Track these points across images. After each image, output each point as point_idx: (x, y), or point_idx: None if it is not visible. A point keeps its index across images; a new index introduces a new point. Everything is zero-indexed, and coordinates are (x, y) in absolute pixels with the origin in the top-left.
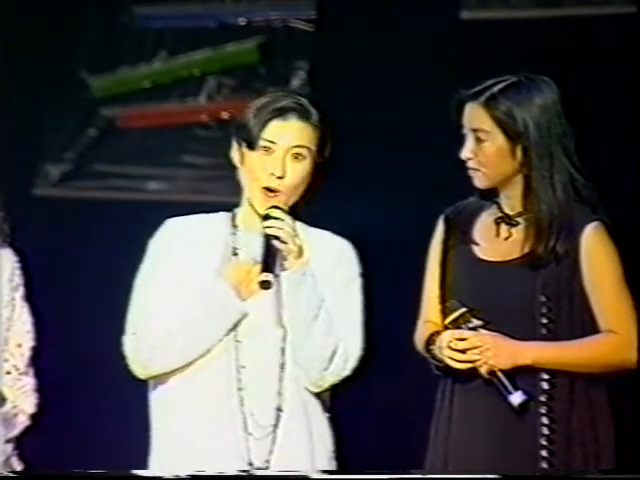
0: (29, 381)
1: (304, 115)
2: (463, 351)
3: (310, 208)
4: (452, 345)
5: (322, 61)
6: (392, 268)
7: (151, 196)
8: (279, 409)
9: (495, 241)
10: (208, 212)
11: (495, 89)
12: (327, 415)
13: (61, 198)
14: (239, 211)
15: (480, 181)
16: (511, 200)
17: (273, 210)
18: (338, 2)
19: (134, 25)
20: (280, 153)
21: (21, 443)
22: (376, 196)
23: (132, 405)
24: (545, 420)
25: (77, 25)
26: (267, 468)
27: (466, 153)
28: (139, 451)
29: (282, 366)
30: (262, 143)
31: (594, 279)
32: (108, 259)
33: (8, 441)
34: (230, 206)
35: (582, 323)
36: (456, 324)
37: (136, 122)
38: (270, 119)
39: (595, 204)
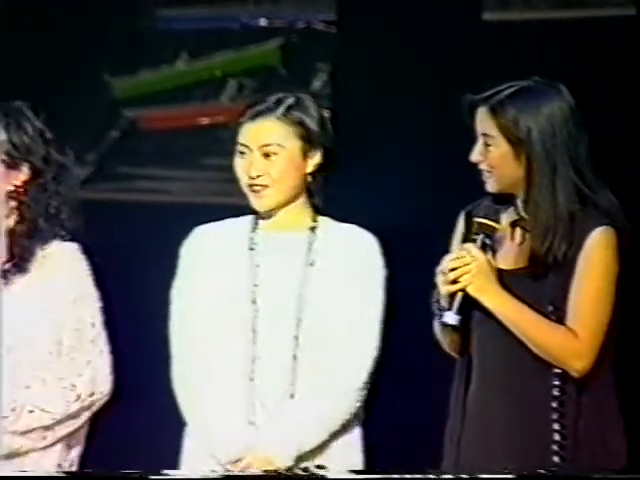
0: None
1: (269, 112)
2: (453, 270)
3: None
4: (444, 267)
5: (343, 63)
6: (411, 264)
7: (173, 198)
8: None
9: (509, 246)
10: (233, 215)
11: (503, 94)
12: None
13: (83, 200)
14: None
15: (491, 185)
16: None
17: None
18: (359, 4)
19: (156, 27)
20: (253, 154)
21: None
22: (394, 194)
23: (133, 405)
24: (556, 426)
25: (99, 27)
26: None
27: (475, 156)
28: (141, 450)
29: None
30: (238, 148)
31: (580, 276)
32: (131, 260)
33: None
34: (252, 208)
35: None
36: (472, 228)
37: (158, 124)
38: (242, 123)
39: (610, 210)
